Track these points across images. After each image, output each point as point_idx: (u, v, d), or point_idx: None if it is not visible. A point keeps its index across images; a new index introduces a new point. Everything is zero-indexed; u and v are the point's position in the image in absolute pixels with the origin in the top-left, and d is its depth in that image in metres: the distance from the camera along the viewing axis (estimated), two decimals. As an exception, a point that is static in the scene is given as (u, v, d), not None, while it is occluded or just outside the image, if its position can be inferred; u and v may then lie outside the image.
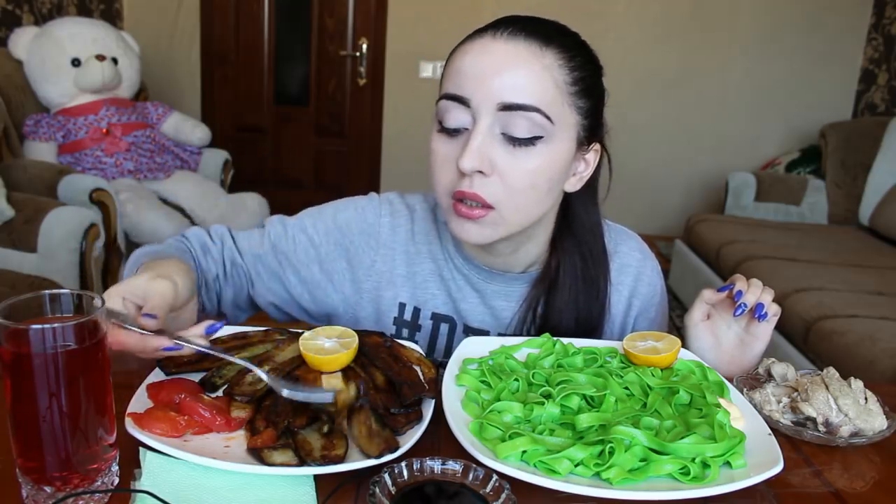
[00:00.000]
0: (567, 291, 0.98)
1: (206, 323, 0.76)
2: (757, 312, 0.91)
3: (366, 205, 1.03)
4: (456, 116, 0.85)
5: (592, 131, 0.91)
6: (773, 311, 0.92)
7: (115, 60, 3.08)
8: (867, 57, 4.27)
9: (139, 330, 0.71)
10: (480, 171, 0.84)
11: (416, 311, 1.01)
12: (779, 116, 4.39)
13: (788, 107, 4.37)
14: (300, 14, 4.43)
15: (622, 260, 1.05)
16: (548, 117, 0.84)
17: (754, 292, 0.91)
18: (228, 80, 4.55)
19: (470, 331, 1.02)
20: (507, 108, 0.82)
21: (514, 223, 0.89)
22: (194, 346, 0.72)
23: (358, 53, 4.44)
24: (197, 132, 3.36)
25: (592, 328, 1.00)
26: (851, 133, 3.79)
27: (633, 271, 1.05)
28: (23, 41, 2.99)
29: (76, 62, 2.98)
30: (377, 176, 4.65)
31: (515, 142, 0.84)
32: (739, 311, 0.91)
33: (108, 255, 2.67)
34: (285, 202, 3.39)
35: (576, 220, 0.99)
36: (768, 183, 3.81)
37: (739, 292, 0.91)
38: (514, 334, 1.00)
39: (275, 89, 4.57)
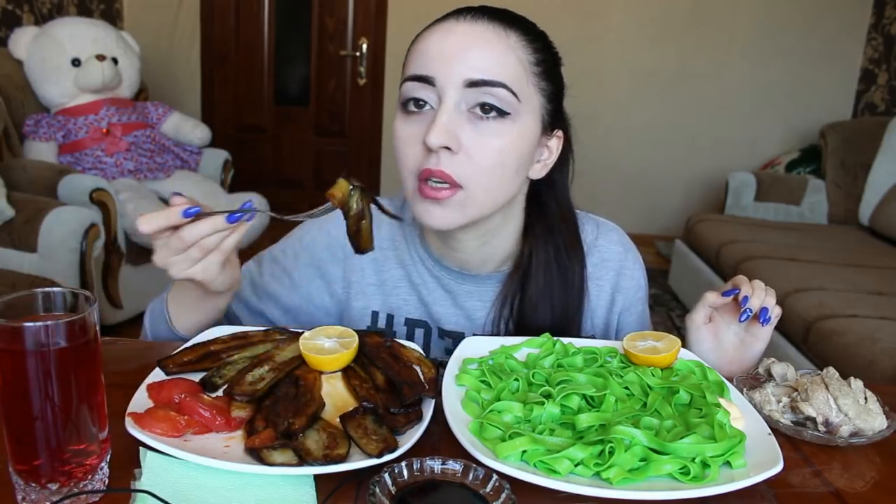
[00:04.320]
0: (541, 281, 0.97)
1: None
2: (762, 317, 0.91)
3: (328, 219, 1.02)
4: (421, 95, 0.85)
5: (555, 118, 0.91)
6: (776, 313, 0.92)
7: (115, 60, 3.08)
8: (867, 57, 4.27)
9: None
10: (448, 148, 0.83)
11: (390, 318, 1.01)
12: (779, 116, 4.39)
13: (788, 107, 4.37)
14: (300, 14, 4.43)
15: (602, 254, 1.03)
16: (514, 94, 0.83)
17: (759, 296, 0.91)
18: (228, 80, 4.55)
19: (445, 334, 1.01)
20: (474, 84, 0.82)
21: (482, 204, 0.87)
22: (216, 213, 0.74)
23: (358, 53, 4.44)
24: (197, 132, 3.36)
25: (570, 320, 0.99)
26: (851, 133, 3.80)
27: (614, 265, 1.03)
28: (23, 41, 2.98)
29: (76, 62, 2.98)
30: (377, 176, 4.65)
31: (483, 118, 0.83)
32: (745, 316, 0.90)
33: (109, 255, 2.67)
34: (285, 202, 3.38)
35: (547, 210, 0.98)
36: (768, 183, 3.81)
37: (745, 297, 0.90)
38: (491, 333, 0.99)
39: (275, 89, 4.58)
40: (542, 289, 0.97)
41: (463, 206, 0.86)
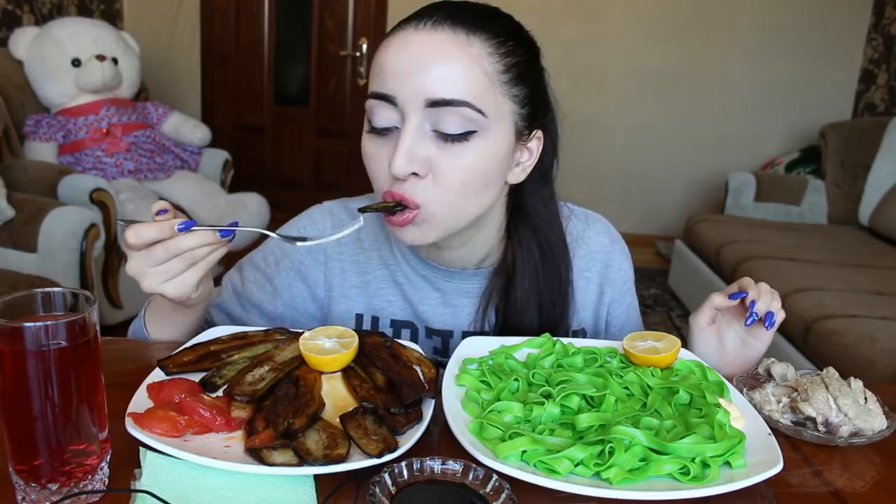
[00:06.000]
0: (527, 283, 0.95)
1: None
2: (767, 321, 0.90)
3: (307, 223, 1.01)
4: (384, 115, 0.82)
5: (532, 119, 0.87)
6: (780, 316, 0.92)
7: (115, 60, 3.08)
8: (867, 57, 4.27)
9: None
10: (415, 174, 0.80)
11: (375, 319, 0.99)
12: (779, 116, 4.39)
13: (788, 107, 4.37)
14: (300, 14, 4.43)
15: (589, 247, 1.02)
16: (479, 111, 0.79)
17: (766, 300, 0.90)
18: (228, 80, 4.55)
19: (432, 333, 1.00)
20: (435, 104, 0.78)
21: (451, 223, 0.85)
22: (210, 227, 0.75)
23: (358, 53, 4.44)
24: (197, 132, 3.36)
25: (557, 322, 0.98)
26: (851, 133, 3.79)
27: (601, 257, 1.02)
28: (23, 41, 2.98)
29: (76, 62, 2.98)
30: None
31: (448, 138, 0.80)
32: (751, 320, 0.90)
33: (109, 255, 2.67)
34: (285, 202, 3.38)
35: (532, 212, 0.95)
36: (768, 183, 3.81)
37: (753, 302, 0.90)
38: (475, 330, 0.98)
39: (275, 89, 4.58)
40: (527, 292, 0.95)
41: (433, 224, 0.84)
